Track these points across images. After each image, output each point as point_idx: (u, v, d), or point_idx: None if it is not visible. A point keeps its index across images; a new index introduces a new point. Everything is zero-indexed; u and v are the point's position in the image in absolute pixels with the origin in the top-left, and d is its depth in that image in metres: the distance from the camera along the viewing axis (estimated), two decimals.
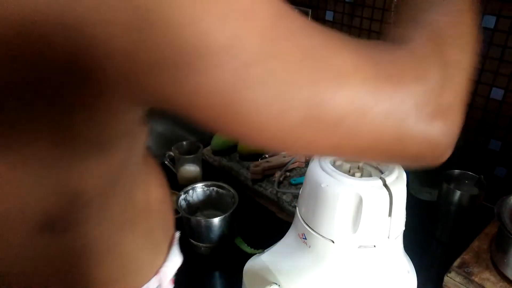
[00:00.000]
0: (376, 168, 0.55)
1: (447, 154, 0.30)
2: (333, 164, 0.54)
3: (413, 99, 0.27)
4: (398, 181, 0.50)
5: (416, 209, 0.80)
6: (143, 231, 0.41)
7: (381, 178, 0.49)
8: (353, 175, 0.53)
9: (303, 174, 0.82)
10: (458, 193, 0.70)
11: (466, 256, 0.64)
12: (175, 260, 0.46)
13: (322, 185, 0.50)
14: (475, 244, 0.67)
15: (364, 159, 0.29)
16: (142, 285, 0.41)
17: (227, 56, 0.22)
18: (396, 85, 0.26)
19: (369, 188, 0.48)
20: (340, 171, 0.51)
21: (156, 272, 0.43)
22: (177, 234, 0.49)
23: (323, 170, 0.51)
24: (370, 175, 0.54)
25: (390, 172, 0.50)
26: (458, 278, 0.61)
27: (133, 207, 0.39)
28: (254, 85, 0.23)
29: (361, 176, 0.54)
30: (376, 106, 0.26)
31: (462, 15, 0.33)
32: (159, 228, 0.44)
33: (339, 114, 0.25)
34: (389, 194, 0.48)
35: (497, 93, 0.83)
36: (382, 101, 0.26)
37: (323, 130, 0.25)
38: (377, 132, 0.26)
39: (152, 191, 0.42)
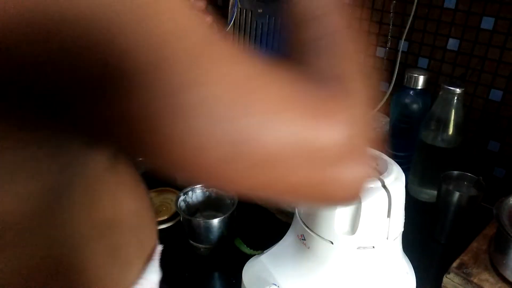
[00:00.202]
0: (375, 169, 0.56)
1: (361, 193, 0.31)
2: None
3: (341, 139, 0.26)
4: (396, 182, 0.50)
5: (415, 210, 0.80)
6: (107, 248, 0.38)
7: (379, 179, 0.50)
8: None
9: None
10: (457, 194, 0.70)
11: (465, 257, 0.64)
12: (151, 277, 0.42)
13: None
14: (474, 245, 0.67)
15: (292, 199, 0.28)
16: None
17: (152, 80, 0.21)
18: (326, 125, 0.26)
19: (368, 189, 0.48)
20: None
21: None
22: (160, 248, 0.46)
23: None
24: (368, 176, 0.55)
25: (389, 173, 0.51)
26: (457, 279, 0.62)
27: (91, 223, 0.36)
28: (176, 115, 0.22)
29: None
30: (306, 145, 0.25)
31: (350, 44, 0.34)
32: (131, 244, 0.41)
33: (267, 152, 0.24)
34: (387, 195, 0.49)
35: (496, 95, 0.83)
36: (312, 140, 0.25)
37: (249, 168, 0.24)
38: (306, 172, 0.26)
39: (122, 204, 0.39)
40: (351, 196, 0.30)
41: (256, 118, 0.23)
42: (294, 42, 0.34)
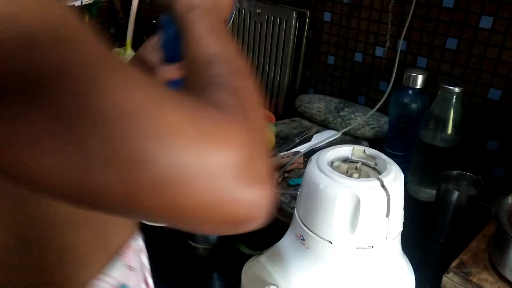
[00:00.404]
0: (374, 169, 0.56)
1: (268, 214, 0.30)
2: (331, 165, 0.54)
3: (236, 163, 0.26)
4: (395, 181, 0.50)
5: (414, 209, 0.80)
6: (62, 244, 0.39)
7: (378, 179, 0.49)
8: (350, 176, 0.53)
9: (301, 175, 0.82)
10: (456, 193, 0.70)
11: (464, 256, 0.64)
12: (114, 274, 0.43)
13: (320, 186, 0.50)
14: (473, 244, 0.67)
15: (193, 223, 0.28)
16: None
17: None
18: (220, 149, 0.26)
19: (366, 189, 0.48)
20: (338, 172, 0.51)
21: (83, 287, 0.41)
22: (137, 244, 0.48)
23: (321, 171, 0.51)
24: (367, 176, 0.55)
25: (388, 173, 0.51)
26: (456, 279, 0.62)
27: (41, 220, 0.37)
28: (66, 136, 0.22)
29: (359, 177, 0.54)
30: (200, 169, 0.25)
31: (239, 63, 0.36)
32: (88, 241, 0.42)
33: (160, 175, 0.24)
34: (386, 194, 0.49)
35: (494, 94, 0.83)
36: (206, 164, 0.25)
37: (141, 192, 0.24)
38: (201, 196, 0.26)
39: None
40: (253, 217, 0.29)
41: (151, 141, 0.24)
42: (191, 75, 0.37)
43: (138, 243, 0.49)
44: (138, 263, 0.48)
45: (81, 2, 1.57)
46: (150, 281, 0.58)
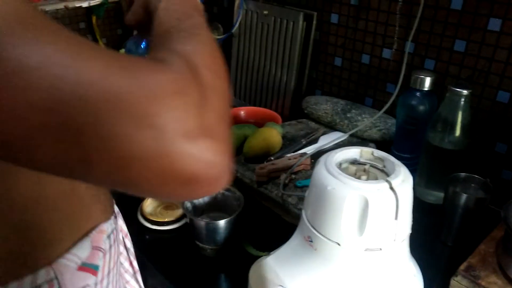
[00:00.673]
0: (382, 171, 0.55)
1: (224, 177, 0.28)
2: (339, 167, 0.54)
3: (173, 113, 0.25)
4: (404, 184, 0.50)
5: (421, 212, 0.79)
6: (26, 223, 0.41)
7: (387, 181, 0.49)
8: (359, 178, 0.53)
9: (308, 176, 0.82)
10: (464, 196, 0.70)
11: (472, 259, 0.64)
12: (80, 253, 0.45)
13: (328, 188, 0.50)
14: (482, 247, 0.66)
15: (129, 186, 0.26)
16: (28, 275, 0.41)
17: None
18: (154, 98, 0.25)
19: (375, 191, 0.48)
20: (346, 174, 0.51)
21: (49, 264, 0.43)
22: (108, 227, 0.50)
23: (329, 172, 0.51)
24: (376, 178, 0.54)
25: (397, 175, 0.51)
26: (464, 282, 0.61)
27: (10, 200, 0.39)
28: None
29: (367, 179, 0.54)
30: (134, 120, 0.24)
31: (207, 38, 0.35)
32: (53, 222, 0.44)
33: (95, 100, 0.23)
34: (395, 197, 0.48)
35: (503, 96, 0.83)
36: (141, 114, 0.24)
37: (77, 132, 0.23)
38: (139, 148, 0.24)
39: (46, 184, 0.41)
40: (203, 176, 0.26)
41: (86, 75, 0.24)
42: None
43: (113, 227, 0.52)
44: (108, 245, 0.50)
45: (89, 3, 1.58)
46: (135, 263, 0.61)
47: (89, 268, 0.46)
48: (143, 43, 0.55)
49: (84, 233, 0.47)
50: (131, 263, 0.62)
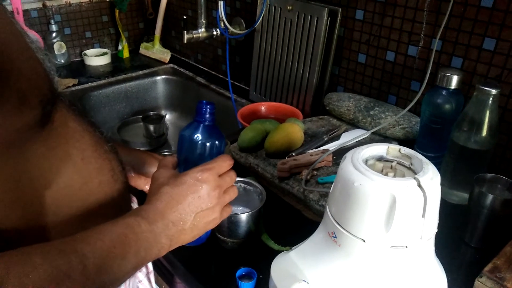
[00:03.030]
0: (409, 168, 0.55)
1: None
2: (366, 164, 0.54)
3: None
4: (432, 182, 0.50)
5: (444, 212, 0.78)
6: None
7: (415, 178, 0.49)
8: (386, 174, 0.52)
9: (330, 173, 0.82)
10: (490, 197, 0.69)
11: (498, 261, 0.63)
12: None
13: (355, 184, 0.49)
14: (507, 249, 0.65)
15: None
16: None
17: None
18: None
19: (403, 188, 0.48)
20: (373, 170, 0.50)
21: None
22: None
23: (356, 168, 0.51)
24: (403, 176, 0.54)
25: (425, 173, 0.50)
26: (489, 283, 0.60)
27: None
28: None
29: (394, 176, 0.54)
30: None
31: None
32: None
33: None
34: (423, 195, 0.48)
35: None
36: None
37: None
38: None
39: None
40: None
41: None
42: None
43: None
44: None
45: None
46: (149, 264, 0.62)
47: None
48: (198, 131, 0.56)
49: None
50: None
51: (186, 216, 0.49)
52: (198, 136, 0.55)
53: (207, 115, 0.55)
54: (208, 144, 0.55)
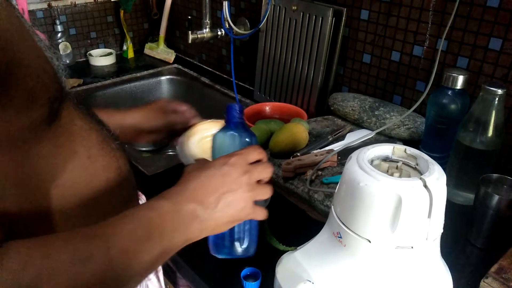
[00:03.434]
0: (415, 169, 0.55)
1: None
2: (371, 164, 0.54)
3: None
4: (438, 182, 0.49)
5: (450, 212, 0.78)
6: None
7: (421, 178, 0.49)
8: (391, 175, 0.52)
9: (335, 173, 0.82)
10: (496, 197, 0.68)
11: (504, 262, 0.63)
12: None
13: (361, 184, 0.49)
14: None
15: None
16: None
17: None
18: None
19: (409, 188, 0.48)
20: (379, 170, 0.50)
21: None
22: None
23: (362, 169, 0.51)
24: (408, 176, 0.54)
25: (431, 173, 0.50)
26: (495, 284, 0.60)
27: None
28: None
29: (400, 176, 0.54)
30: None
31: None
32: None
33: None
34: (429, 195, 0.48)
35: None
36: None
37: None
38: None
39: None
40: None
41: None
42: None
43: None
44: None
45: None
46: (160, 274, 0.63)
47: None
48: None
49: None
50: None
51: (212, 197, 0.48)
52: (233, 134, 0.57)
53: (237, 114, 0.58)
54: (241, 140, 0.57)
